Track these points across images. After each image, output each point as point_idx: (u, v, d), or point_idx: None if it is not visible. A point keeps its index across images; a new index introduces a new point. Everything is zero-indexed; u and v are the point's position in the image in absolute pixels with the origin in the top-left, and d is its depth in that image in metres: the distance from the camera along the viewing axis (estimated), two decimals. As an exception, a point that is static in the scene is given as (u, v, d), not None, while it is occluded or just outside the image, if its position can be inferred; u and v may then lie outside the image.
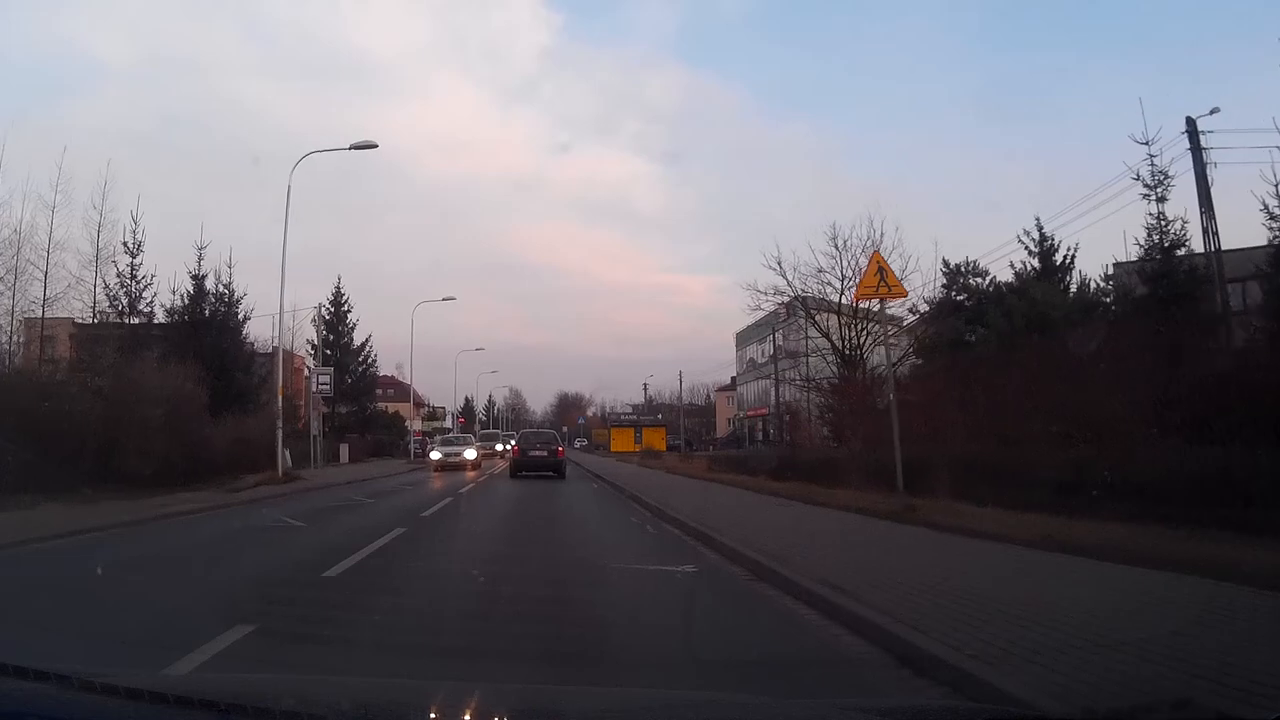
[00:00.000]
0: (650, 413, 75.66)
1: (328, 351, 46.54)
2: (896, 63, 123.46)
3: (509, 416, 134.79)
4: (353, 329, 51.14)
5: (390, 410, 66.79)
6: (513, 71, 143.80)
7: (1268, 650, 4.99)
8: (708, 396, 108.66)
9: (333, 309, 49.40)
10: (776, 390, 58.13)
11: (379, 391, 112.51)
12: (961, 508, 12.25)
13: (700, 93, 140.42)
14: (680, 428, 73.24)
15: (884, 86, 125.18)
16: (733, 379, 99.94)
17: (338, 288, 50.56)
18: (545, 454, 29.46)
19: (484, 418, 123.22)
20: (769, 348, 71.76)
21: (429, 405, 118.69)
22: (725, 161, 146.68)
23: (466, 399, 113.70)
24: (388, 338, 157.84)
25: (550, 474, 28.48)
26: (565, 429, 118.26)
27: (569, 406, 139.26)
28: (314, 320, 41.92)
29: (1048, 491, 12.54)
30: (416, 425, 66.84)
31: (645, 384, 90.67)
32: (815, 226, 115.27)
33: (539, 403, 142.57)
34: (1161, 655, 4.76)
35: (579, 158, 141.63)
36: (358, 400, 51.40)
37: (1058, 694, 4.15)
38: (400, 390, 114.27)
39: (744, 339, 79.87)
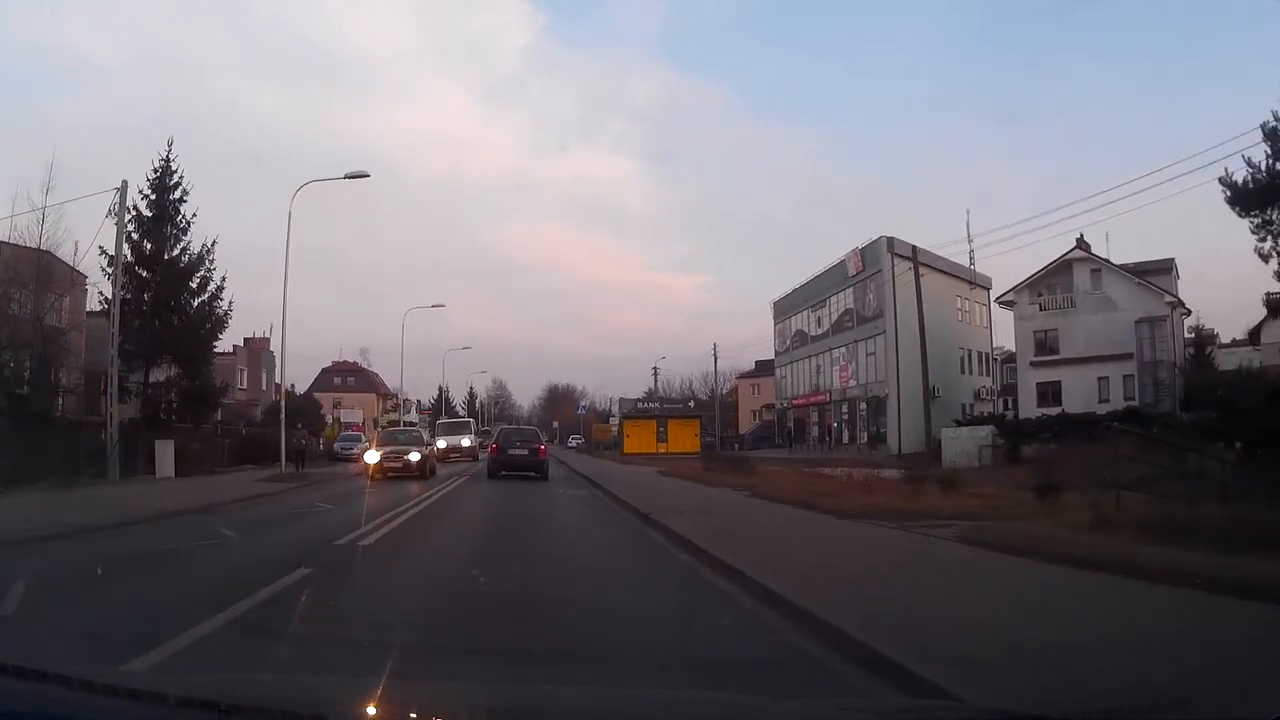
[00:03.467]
0: (655, 404, 58.20)
1: (144, 273, 27.42)
2: (890, 61, 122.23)
3: (493, 411, 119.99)
4: (184, 228, 28.81)
5: (295, 391, 49.15)
6: (501, 73, 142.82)
7: None
8: (712, 391, 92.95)
9: (152, 197, 28.09)
10: (923, 335, 41.13)
11: (337, 380, 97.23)
12: None
13: (689, 92, 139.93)
14: (715, 422, 55.62)
15: (878, 85, 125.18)
16: (758, 363, 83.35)
17: (166, 159, 28.64)
18: (526, 453, 27.17)
19: (463, 412, 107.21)
20: (831, 312, 54.80)
21: (402, 397, 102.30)
22: (716, 161, 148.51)
23: (440, 389, 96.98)
24: (373, 334, 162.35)
25: (532, 474, 26.12)
26: (556, 424, 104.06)
27: (559, 400, 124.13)
28: (111, 212, 23.08)
29: None
30: (355, 416, 50.31)
31: (655, 368, 73.75)
32: (814, 225, 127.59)
33: (526, 397, 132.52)
34: None
35: (569, 158, 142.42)
36: (189, 360, 28.36)
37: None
38: (362, 379, 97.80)
39: (787, 307, 62.96)
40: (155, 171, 28.51)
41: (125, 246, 25.39)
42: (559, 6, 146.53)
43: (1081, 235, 49.01)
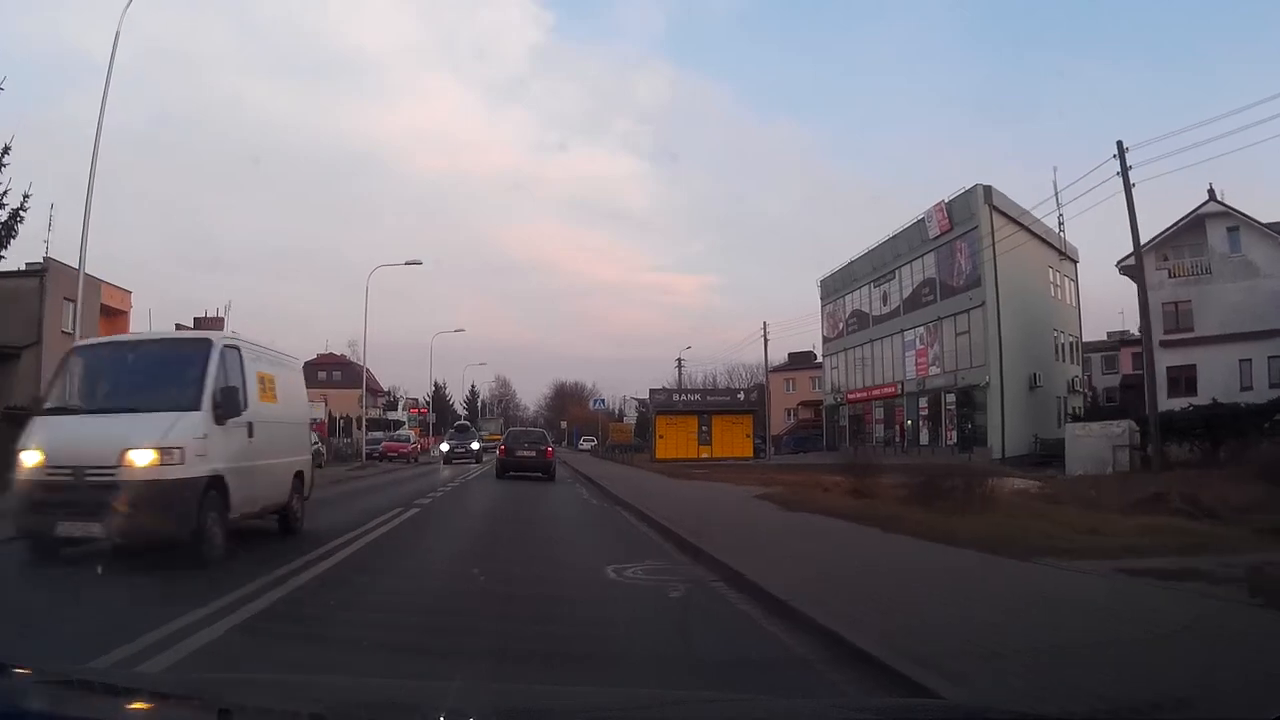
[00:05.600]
0: (696, 395, 47.72)
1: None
2: (890, 62, 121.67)
3: (496, 410, 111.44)
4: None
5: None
6: (504, 70, 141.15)
7: None
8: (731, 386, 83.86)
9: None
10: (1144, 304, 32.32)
11: (322, 375, 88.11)
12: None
13: (694, 92, 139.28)
14: (766, 419, 44.97)
15: (878, 85, 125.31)
16: (791, 355, 74.07)
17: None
18: (534, 454, 26.77)
19: (464, 411, 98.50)
20: (903, 285, 45.33)
21: (396, 394, 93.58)
22: (718, 161, 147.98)
23: (436, 386, 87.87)
24: (371, 334, 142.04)
25: (538, 475, 25.64)
26: (564, 424, 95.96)
27: (568, 397, 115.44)
28: None
29: None
30: (315, 411, 41.26)
31: (680, 360, 64.18)
32: (818, 226, 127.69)
33: (531, 397, 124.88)
34: None
35: (572, 158, 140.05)
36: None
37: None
38: (349, 373, 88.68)
39: (839, 285, 53.59)
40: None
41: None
42: (565, 6, 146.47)
43: (1212, 185, 39.92)
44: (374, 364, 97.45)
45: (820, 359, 60.47)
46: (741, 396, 45.94)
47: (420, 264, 37.16)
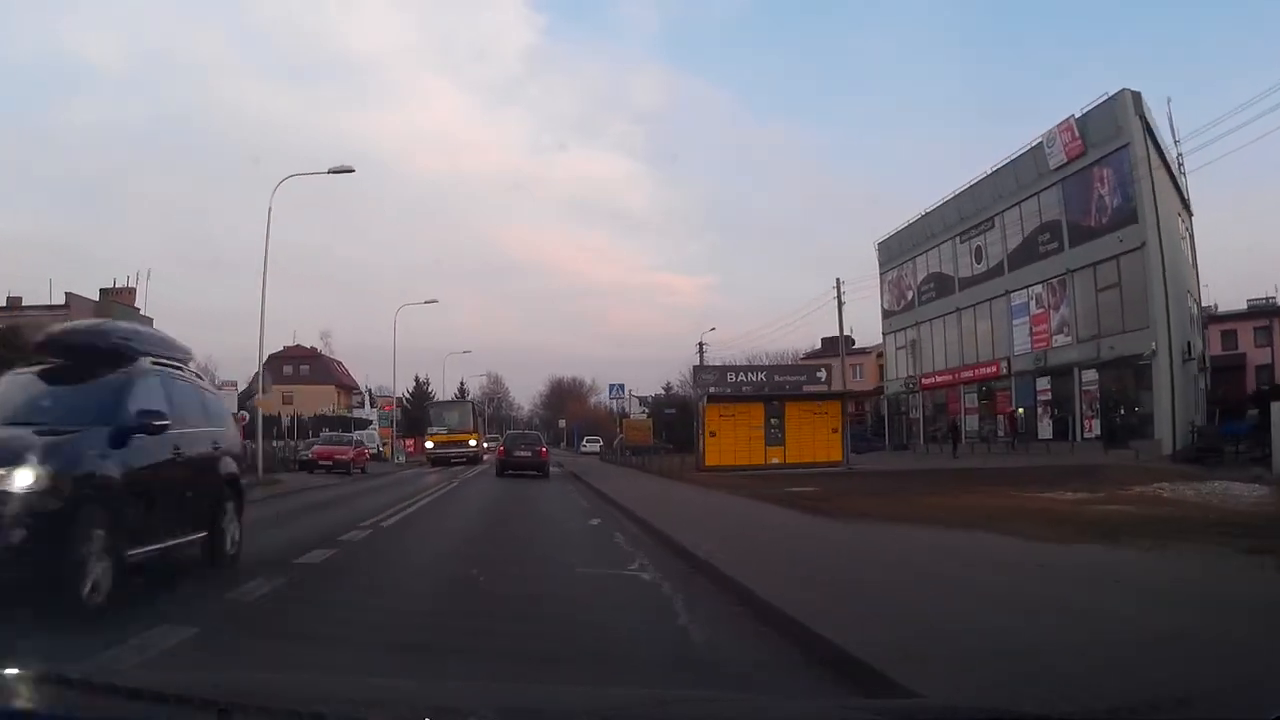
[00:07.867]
0: (761, 375, 36.31)
1: None
2: (889, 62, 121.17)
3: (488, 410, 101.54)
4: None
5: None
6: (503, 71, 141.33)
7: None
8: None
9: None
10: None
11: (287, 369, 77.91)
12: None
13: (691, 93, 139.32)
14: (845, 413, 32.78)
15: (878, 85, 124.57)
16: (825, 342, 64.41)
17: None
18: (529, 454, 28.90)
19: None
20: (1006, 234, 35.56)
21: (367, 390, 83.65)
22: (716, 162, 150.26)
23: (417, 380, 78.00)
24: (366, 334, 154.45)
25: (534, 473, 27.65)
26: (563, 423, 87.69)
27: (565, 394, 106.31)
28: None
29: None
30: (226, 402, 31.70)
31: (701, 343, 54.36)
32: (818, 226, 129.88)
33: (527, 396, 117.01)
34: None
35: (570, 157, 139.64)
36: None
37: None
38: (319, 366, 78.91)
39: (906, 246, 43.95)
40: None
41: None
42: (559, 8, 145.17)
43: None
44: (352, 361, 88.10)
45: (864, 341, 50.87)
46: (822, 375, 35.68)
47: (351, 171, 26.34)
